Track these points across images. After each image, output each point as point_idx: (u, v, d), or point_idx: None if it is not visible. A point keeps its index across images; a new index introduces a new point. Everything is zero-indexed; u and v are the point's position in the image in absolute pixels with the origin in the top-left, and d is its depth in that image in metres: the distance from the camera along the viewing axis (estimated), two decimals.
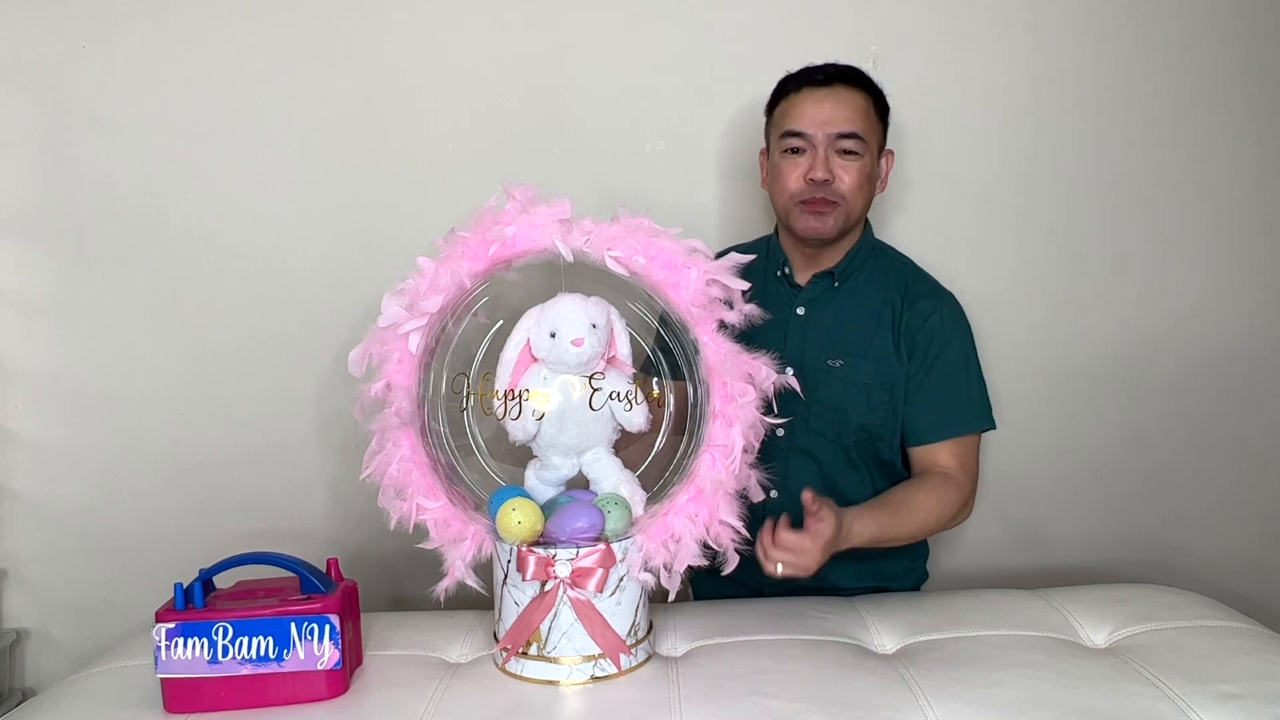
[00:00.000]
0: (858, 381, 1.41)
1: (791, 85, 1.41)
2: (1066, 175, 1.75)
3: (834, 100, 1.37)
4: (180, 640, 1.07)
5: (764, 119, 1.48)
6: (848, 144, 1.37)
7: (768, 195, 1.49)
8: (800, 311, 1.45)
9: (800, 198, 1.38)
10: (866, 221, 1.48)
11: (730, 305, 1.17)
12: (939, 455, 1.40)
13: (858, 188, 1.39)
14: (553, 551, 1.11)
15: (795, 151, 1.39)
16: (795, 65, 1.43)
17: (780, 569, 1.19)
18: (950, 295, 1.46)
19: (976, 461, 1.43)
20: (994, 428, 1.44)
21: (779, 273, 1.48)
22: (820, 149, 1.37)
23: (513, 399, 1.14)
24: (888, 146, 1.46)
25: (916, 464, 1.43)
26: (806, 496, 1.18)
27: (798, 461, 1.43)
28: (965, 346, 1.44)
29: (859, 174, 1.38)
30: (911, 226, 1.74)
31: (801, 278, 1.47)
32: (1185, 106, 1.76)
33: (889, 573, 1.49)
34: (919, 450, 1.42)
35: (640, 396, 1.16)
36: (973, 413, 1.42)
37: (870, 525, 1.28)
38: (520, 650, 1.13)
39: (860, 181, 1.38)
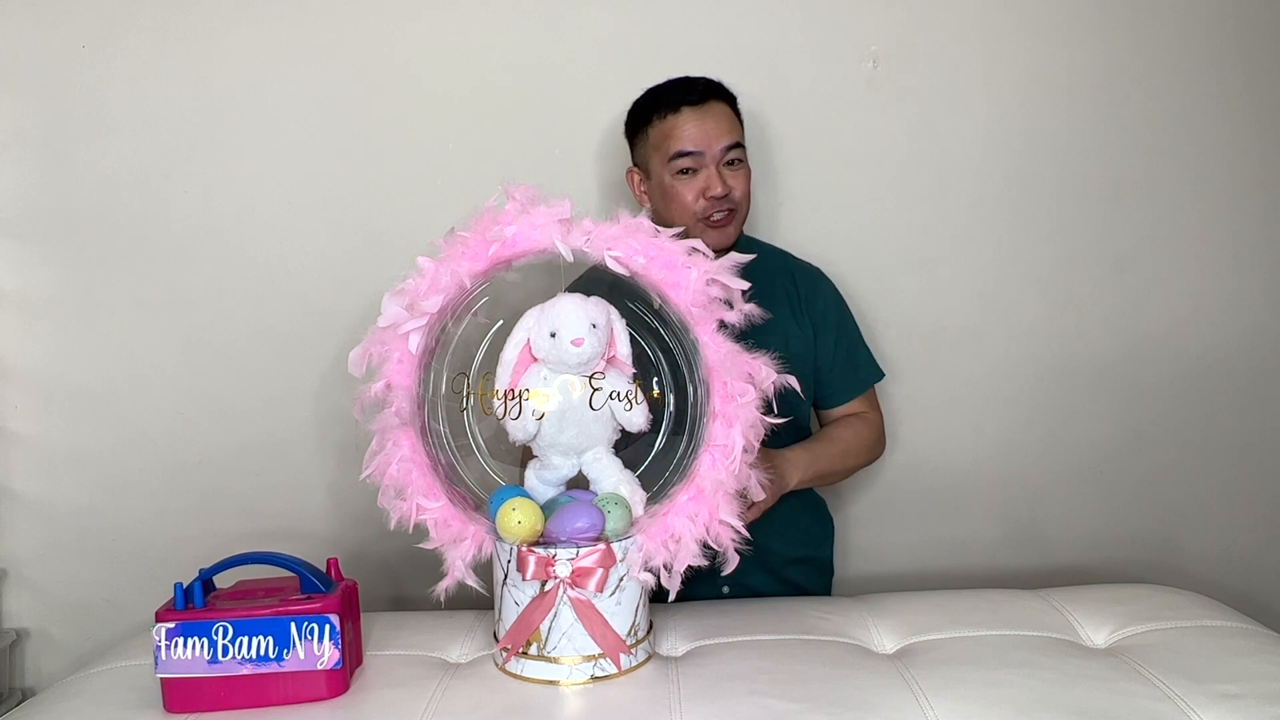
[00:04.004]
0: (770, 356, 1.43)
1: (665, 107, 1.46)
2: (1066, 175, 1.75)
3: (714, 116, 1.45)
4: (180, 640, 1.07)
5: (626, 140, 1.53)
6: (734, 154, 1.46)
7: (652, 210, 1.51)
8: None
9: (703, 214, 1.45)
10: None
11: (730, 305, 1.17)
12: (851, 407, 1.57)
13: (747, 192, 1.49)
14: (553, 551, 1.11)
15: (686, 172, 1.45)
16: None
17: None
18: (820, 269, 1.59)
19: (879, 403, 1.61)
20: (885, 375, 1.60)
21: None
22: (712, 165, 1.44)
23: (513, 399, 1.14)
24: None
25: (831, 421, 1.58)
26: None
27: None
28: (849, 311, 1.59)
29: (746, 179, 1.48)
30: (911, 226, 1.74)
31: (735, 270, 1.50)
32: (1185, 107, 1.76)
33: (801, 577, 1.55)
34: (834, 411, 1.57)
35: (640, 396, 1.16)
36: (872, 367, 1.59)
37: (800, 455, 1.42)
38: (520, 650, 1.13)
39: (749, 185, 1.49)
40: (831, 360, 1.53)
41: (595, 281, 1.22)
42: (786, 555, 1.51)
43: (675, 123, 1.44)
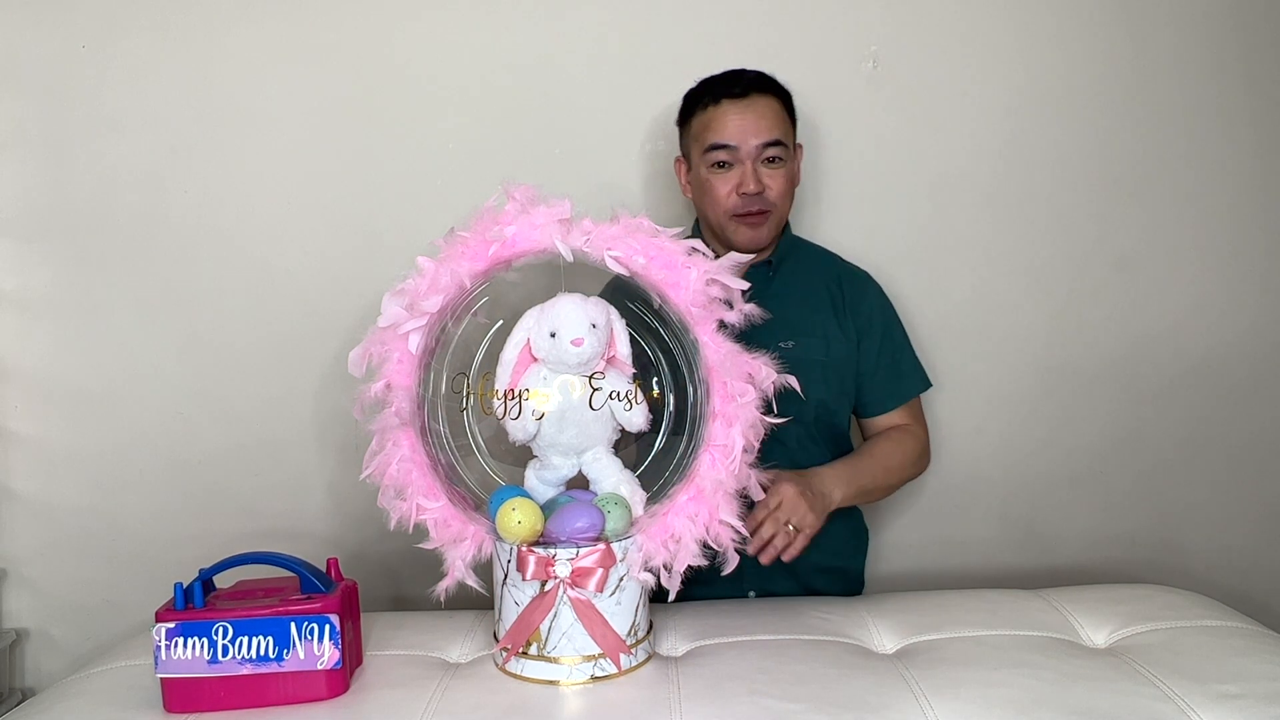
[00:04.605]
0: (812, 359, 1.43)
1: (708, 98, 1.43)
2: (1066, 175, 1.75)
3: (755, 111, 1.41)
4: (180, 640, 1.07)
5: (676, 129, 1.51)
6: (773, 151, 1.41)
7: (691, 202, 1.51)
8: None
9: (735, 211, 1.42)
10: None
11: (730, 305, 1.17)
12: (894, 418, 1.51)
13: (785, 193, 1.44)
14: (553, 551, 1.11)
15: (722, 165, 1.42)
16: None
17: (779, 543, 1.23)
18: (869, 273, 1.55)
19: (924, 415, 1.55)
20: (931, 385, 1.55)
21: None
22: (748, 161, 1.40)
23: (513, 399, 1.14)
24: (797, 141, 1.49)
25: (873, 430, 1.52)
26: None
27: (765, 446, 1.43)
28: (896, 317, 1.55)
29: (785, 179, 1.44)
30: (911, 226, 1.74)
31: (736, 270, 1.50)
32: (1184, 106, 1.76)
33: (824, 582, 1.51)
34: (877, 420, 1.52)
35: (640, 396, 1.16)
36: (918, 376, 1.54)
37: (841, 471, 1.38)
38: (520, 650, 1.13)
39: (787, 186, 1.45)
40: (874, 366, 1.49)
41: (619, 289, 1.21)
42: (816, 564, 1.45)
43: (715, 115, 1.41)
